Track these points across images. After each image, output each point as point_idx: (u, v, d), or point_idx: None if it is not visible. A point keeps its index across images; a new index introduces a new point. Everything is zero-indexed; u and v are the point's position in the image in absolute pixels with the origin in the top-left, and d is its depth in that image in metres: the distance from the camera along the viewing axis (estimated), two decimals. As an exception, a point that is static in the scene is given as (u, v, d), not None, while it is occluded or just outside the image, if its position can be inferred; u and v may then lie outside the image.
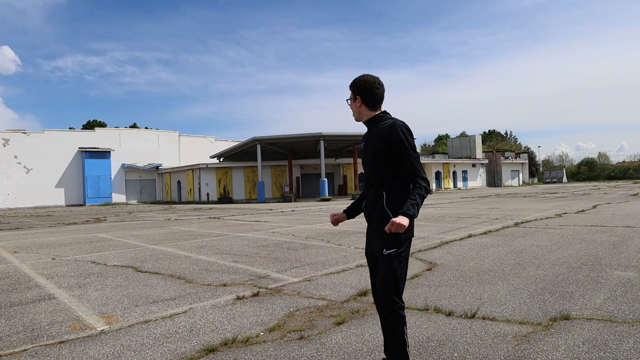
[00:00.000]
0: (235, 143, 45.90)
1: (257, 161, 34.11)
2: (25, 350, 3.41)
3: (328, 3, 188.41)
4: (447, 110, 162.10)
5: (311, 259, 6.85)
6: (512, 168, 62.95)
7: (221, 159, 41.43)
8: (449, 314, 3.92)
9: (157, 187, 46.54)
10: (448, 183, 50.81)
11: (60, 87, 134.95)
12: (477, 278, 5.29)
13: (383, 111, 2.70)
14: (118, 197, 43.55)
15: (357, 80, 2.70)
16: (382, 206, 2.51)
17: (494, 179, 57.61)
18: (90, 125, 71.05)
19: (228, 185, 37.21)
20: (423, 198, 2.41)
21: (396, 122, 2.53)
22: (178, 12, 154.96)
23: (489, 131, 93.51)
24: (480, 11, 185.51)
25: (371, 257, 2.69)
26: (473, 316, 3.83)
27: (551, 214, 13.56)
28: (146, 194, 45.79)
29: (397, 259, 2.46)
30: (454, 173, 52.19)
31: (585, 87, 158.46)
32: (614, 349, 3.03)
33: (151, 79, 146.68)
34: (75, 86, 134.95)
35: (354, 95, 2.73)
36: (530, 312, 3.89)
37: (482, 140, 70.30)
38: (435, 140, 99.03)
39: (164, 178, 45.19)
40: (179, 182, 41.57)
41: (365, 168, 2.68)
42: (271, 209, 22.42)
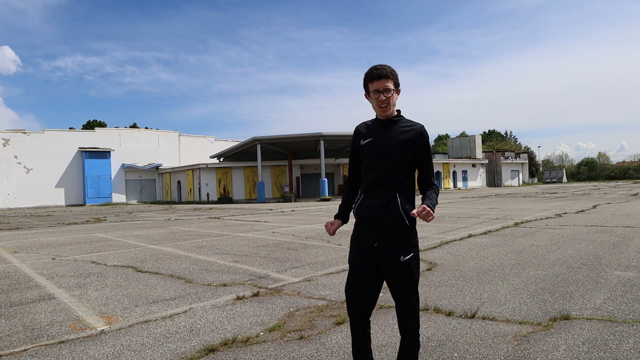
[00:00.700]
0: (235, 143, 45.90)
1: (257, 161, 34.10)
2: (25, 350, 3.41)
3: (328, 3, 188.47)
4: (447, 110, 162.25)
5: (311, 259, 6.85)
6: (512, 168, 62.93)
7: (221, 159, 41.43)
8: (449, 314, 3.92)
9: (157, 187, 46.53)
10: (448, 183, 50.81)
11: (60, 87, 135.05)
12: (477, 278, 5.29)
13: (398, 110, 2.52)
14: (118, 197, 43.55)
15: (391, 68, 2.42)
16: (397, 209, 2.36)
17: (494, 179, 57.60)
18: (90, 125, 71.05)
19: (228, 185, 37.20)
20: (437, 197, 2.45)
21: (424, 128, 2.48)
22: (178, 12, 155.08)
23: (489, 131, 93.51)
24: (480, 11, 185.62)
25: (363, 262, 2.42)
26: (473, 316, 3.83)
27: (551, 214, 13.56)
28: (146, 194, 45.78)
29: (415, 264, 2.42)
30: (454, 173, 52.18)
31: (585, 87, 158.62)
32: (614, 349, 3.03)
33: (151, 79, 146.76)
34: (75, 86, 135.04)
35: (396, 84, 2.44)
36: (530, 312, 3.89)
37: (482, 140, 70.30)
38: (435, 140, 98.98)
39: (164, 178, 45.18)
40: (179, 182, 41.57)
41: (374, 167, 2.42)
42: (271, 209, 22.42)
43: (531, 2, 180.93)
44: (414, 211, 2.24)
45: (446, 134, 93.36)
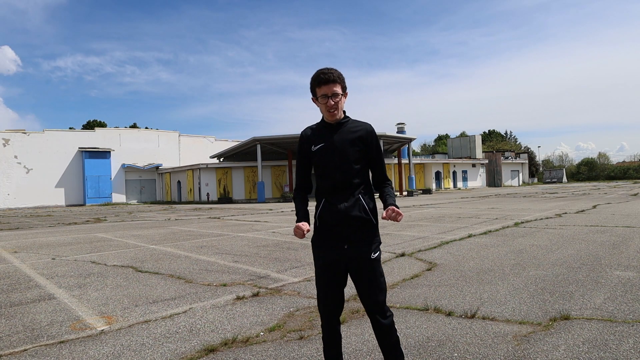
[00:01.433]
0: (235, 143, 45.91)
1: (257, 161, 34.11)
2: (25, 350, 3.41)
3: (328, 3, 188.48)
4: (447, 110, 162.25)
5: (311, 259, 6.84)
6: (512, 168, 62.93)
7: (221, 159, 41.43)
8: (449, 314, 3.92)
9: (157, 187, 46.53)
10: (448, 183, 50.81)
11: (60, 87, 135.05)
12: (477, 278, 5.29)
13: (344, 111, 2.54)
14: (118, 197, 43.54)
15: (339, 72, 2.44)
16: (363, 209, 2.42)
17: (494, 179, 57.60)
18: (90, 125, 71.04)
19: (228, 185, 37.21)
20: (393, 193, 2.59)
21: (372, 127, 2.54)
22: (178, 12, 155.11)
23: (489, 131, 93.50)
24: (480, 11, 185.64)
25: (336, 266, 2.44)
26: (473, 316, 3.83)
27: (551, 214, 13.56)
28: (146, 194, 45.78)
29: (380, 262, 2.51)
30: (454, 173, 52.18)
31: (585, 87, 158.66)
32: (614, 349, 3.03)
33: (151, 79, 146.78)
34: (75, 86, 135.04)
35: (344, 88, 2.46)
36: (530, 312, 3.89)
37: (482, 140, 70.31)
38: (435, 140, 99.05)
39: (164, 178, 45.19)
40: (179, 182, 41.57)
41: (331, 172, 2.43)
42: (271, 209, 22.42)
43: (531, 2, 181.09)
44: (384, 214, 2.35)
45: (446, 134, 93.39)
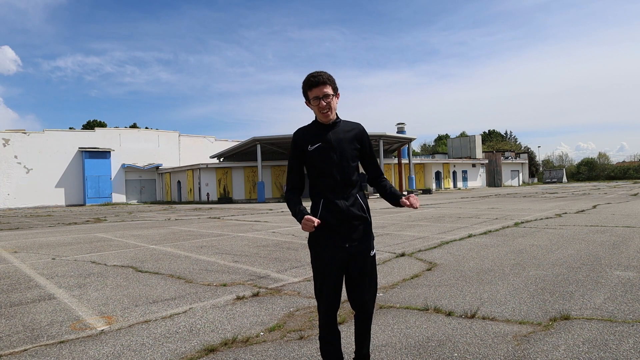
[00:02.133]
0: (235, 143, 45.89)
1: (257, 161, 34.11)
2: (25, 350, 3.41)
3: (328, 3, 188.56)
4: (447, 110, 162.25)
5: (311, 259, 6.85)
6: (512, 168, 62.92)
7: (221, 159, 41.42)
8: (449, 314, 3.92)
9: (157, 187, 46.52)
10: (448, 183, 50.81)
11: (60, 87, 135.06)
12: (477, 278, 5.29)
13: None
14: (118, 197, 43.54)
15: (328, 74, 2.49)
16: (361, 207, 2.51)
17: (494, 179, 57.60)
18: (90, 125, 71.03)
19: (228, 185, 37.21)
20: None
21: (363, 126, 2.64)
22: (178, 12, 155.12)
23: (489, 131, 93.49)
24: (480, 11, 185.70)
25: (337, 264, 2.47)
26: (473, 316, 3.83)
27: (551, 214, 13.56)
28: (146, 194, 45.77)
29: (375, 259, 2.63)
30: (454, 173, 52.17)
31: (585, 87, 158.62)
32: (614, 349, 3.03)
33: (151, 79, 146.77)
34: (75, 86, 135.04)
35: (334, 89, 2.51)
36: (530, 312, 3.89)
37: (482, 140, 70.30)
38: (435, 140, 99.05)
39: (164, 178, 45.18)
40: (179, 182, 41.57)
41: (330, 171, 2.47)
42: (271, 209, 22.42)
43: (531, 2, 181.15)
44: (406, 201, 2.48)
45: (446, 134, 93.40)
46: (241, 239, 9.98)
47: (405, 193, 2.57)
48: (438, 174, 49.91)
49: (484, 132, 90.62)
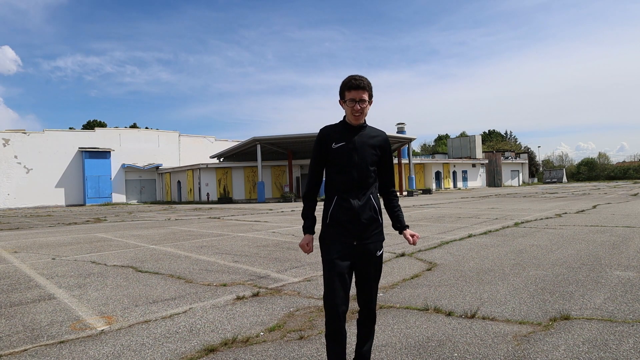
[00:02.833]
0: (235, 143, 45.89)
1: (257, 161, 34.10)
2: (25, 350, 3.41)
3: (328, 3, 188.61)
4: (447, 110, 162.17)
5: (311, 259, 6.85)
6: (512, 168, 62.93)
7: (221, 159, 41.42)
8: (449, 314, 3.92)
9: (157, 187, 46.52)
10: (448, 183, 50.81)
11: (60, 87, 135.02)
12: (477, 278, 5.29)
13: None
14: (118, 197, 43.53)
15: (368, 81, 2.60)
16: (373, 208, 2.60)
17: (494, 179, 57.60)
18: (90, 125, 71.03)
19: (228, 185, 37.21)
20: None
21: (386, 135, 2.74)
22: (178, 12, 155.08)
23: (489, 131, 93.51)
24: (480, 11, 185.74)
25: (346, 262, 2.56)
26: (473, 316, 3.83)
27: (551, 214, 13.56)
28: (146, 194, 45.77)
29: (382, 260, 2.70)
30: (454, 173, 52.18)
31: (585, 87, 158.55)
32: (614, 349, 3.03)
33: (151, 79, 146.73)
34: (75, 86, 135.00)
35: (370, 95, 2.62)
36: (530, 312, 3.89)
37: (482, 140, 70.30)
38: (435, 140, 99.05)
39: (164, 178, 45.18)
40: (179, 182, 41.56)
41: (349, 170, 2.58)
42: (271, 209, 22.42)
43: (531, 2, 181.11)
44: (412, 242, 2.65)
45: (446, 134, 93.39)
46: (241, 239, 9.98)
47: (407, 225, 2.66)
48: (438, 174, 49.92)
49: (484, 132, 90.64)
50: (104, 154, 42.75)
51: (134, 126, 67.67)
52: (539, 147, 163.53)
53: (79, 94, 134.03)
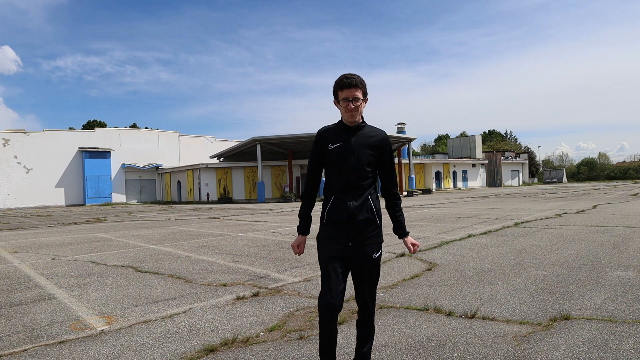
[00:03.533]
0: (235, 143, 45.89)
1: (257, 161, 34.11)
2: (25, 350, 3.41)
3: (328, 3, 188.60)
4: (447, 110, 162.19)
5: (311, 259, 6.85)
6: (512, 168, 62.94)
7: (221, 159, 41.42)
8: (449, 314, 3.92)
9: (157, 187, 46.52)
10: (448, 183, 50.81)
11: (60, 87, 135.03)
12: (477, 278, 5.29)
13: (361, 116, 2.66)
14: (118, 197, 43.53)
15: (361, 78, 2.56)
16: (370, 210, 2.55)
17: (494, 179, 57.60)
18: (90, 125, 71.02)
19: (228, 185, 37.21)
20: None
21: (387, 134, 2.68)
22: (178, 12, 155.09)
23: (489, 131, 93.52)
24: (480, 11, 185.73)
25: (341, 263, 2.54)
26: (473, 316, 3.83)
27: (551, 214, 13.56)
28: (146, 194, 45.77)
29: (380, 262, 2.65)
30: (454, 173, 52.18)
31: (585, 87, 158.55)
32: (614, 349, 3.03)
33: (151, 79, 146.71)
34: (75, 86, 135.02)
35: (364, 93, 2.58)
36: (530, 312, 3.89)
37: (482, 140, 70.30)
38: (435, 140, 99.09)
39: (164, 178, 45.18)
40: (179, 182, 41.57)
41: (346, 171, 2.54)
42: (271, 209, 22.42)
43: (531, 2, 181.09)
44: (413, 251, 2.66)
45: (446, 134, 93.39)
46: (241, 239, 9.98)
47: (409, 231, 2.67)
48: (438, 174, 49.92)
49: (484, 132, 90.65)
50: (104, 154, 42.75)
51: (134, 126, 67.66)
52: (539, 147, 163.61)
53: (79, 94, 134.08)
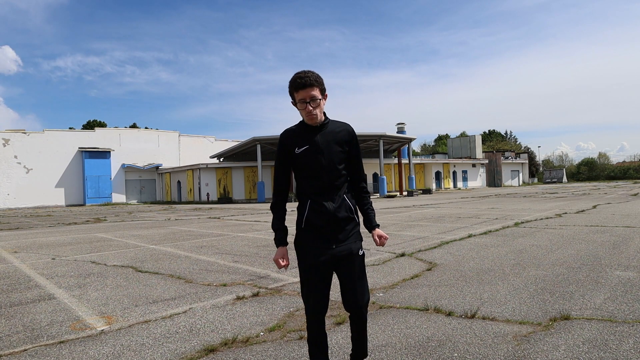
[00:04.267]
0: (235, 143, 45.90)
1: (257, 161, 34.11)
2: (25, 350, 3.41)
3: (328, 3, 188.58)
4: (447, 110, 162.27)
5: (311, 259, 6.85)
6: (512, 168, 62.94)
7: (221, 159, 41.43)
8: (449, 314, 3.91)
9: (157, 187, 46.53)
10: (448, 183, 50.81)
11: (60, 87, 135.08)
12: (477, 278, 5.29)
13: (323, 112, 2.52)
14: (118, 197, 43.55)
15: (316, 75, 2.40)
16: (349, 209, 2.47)
17: (494, 179, 57.60)
18: (90, 125, 71.04)
19: (228, 185, 37.21)
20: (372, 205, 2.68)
21: (351, 127, 2.55)
22: (178, 12, 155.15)
23: (489, 131, 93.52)
24: (480, 11, 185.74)
25: (324, 267, 2.44)
26: (473, 316, 3.83)
27: (551, 214, 13.56)
28: (146, 194, 45.78)
29: (364, 259, 2.55)
30: (454, 173, 52.18)
31: (585, 87, 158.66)
32: (614, 349, 3.03)
33: (151, 79, 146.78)
34: (75, 86, 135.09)
35: (322, 90, 2.42)
36: (530, 312, 3.89)
37: (482, 140, 70.32)
38: (435, 140, 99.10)
39: (164, 178, 45.18)
40: (179, 182, 41.57)
41: (318, 174, 2.42)
42: (271, 209, 22.41)
43: (531, 2, 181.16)
44: (379, 243, 2.51)
45: (446, 134, 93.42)
46: (241, 239, 9.98)
47: (378, 224, 2.60)
48: (438, 174, 49.92)
49: (484, 132, 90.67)
50: (104, 154, 42.77)
51: (134, 126, 67.67)
52: (539, 147, 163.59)
53: (79, 94, 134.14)
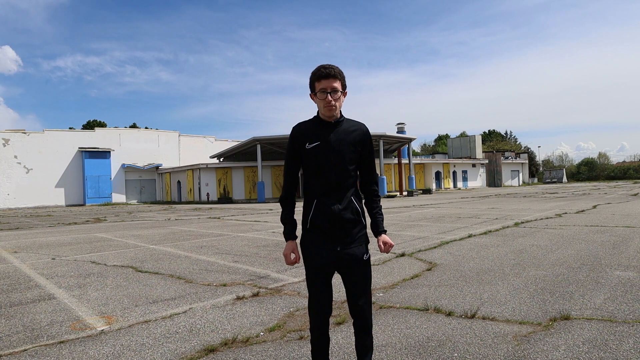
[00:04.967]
0: (235, 143, 45.88)
1: (257, 161, 34.09)
2: (25, 350, 3.41)
3: (328, 3, 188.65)
4: (447, 110, 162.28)
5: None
6: (512, 168, 62.92)
7: (221, 159, 41.41)
8: (449, 314, 3.91)
9: (157, 187, 46.51)
10: (448, 183, 50.80)
11: (60, 87, 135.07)
12: (477, 278, 5.29)
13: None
14: (118, 197, 43.53)
15: (339, 69, 2.38)
16: (356, 211, 2.41)
17: (494, 179, 57.59)
18: (90, 125, 71.02)
19: (228, 185, 37.20)
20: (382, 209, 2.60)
21: (367, 127, 2.50)
22: (178, 12, 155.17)
23: (489, 131, 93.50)
24: (480, 11, 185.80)
25: (329, 268, 2.40)
26: (473, 316, 3.83)
27: (551, 214, 13.56)
28: (146, 194, 45.76)
29: (370, 263, 2.51)
30: (454, 173, 52.17)
31: (585, 87, 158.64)
32: (614, 349, 3.03)
33: (151, 79, 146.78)
34: (75, 86, 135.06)
35: (344, 85, 2.39)
36: (530, 312, 3.89)
37: (482, 140, 70.30)
38: (435, 140, 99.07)
39: (164, 178, 45.17)
40: (179, 182, 41.56)
41: (326, 172, 2.36)
42: (271, 209, 22.41)
43: (531, 2, 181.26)
44: (386, 249, 2.44)
45: (446, 134, 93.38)
46: (241, 239, 9.98)
47: (385, 229, 2.53)
48: (438, 174, 49.91)
49: (484, 132, 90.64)
50: (104, 154, 42.75)
51: (134, 126, 67.64)
52: (539, 147, 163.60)
53: (79, 94, 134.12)
